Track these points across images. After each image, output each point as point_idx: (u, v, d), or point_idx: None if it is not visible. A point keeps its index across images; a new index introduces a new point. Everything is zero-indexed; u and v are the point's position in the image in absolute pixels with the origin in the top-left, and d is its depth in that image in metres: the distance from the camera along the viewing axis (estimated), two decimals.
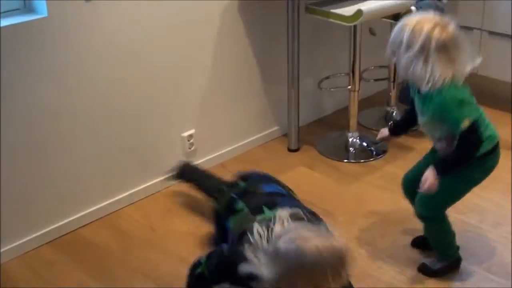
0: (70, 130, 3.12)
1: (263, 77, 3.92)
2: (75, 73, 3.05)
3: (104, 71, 3.17)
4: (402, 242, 3.11)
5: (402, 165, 3.75)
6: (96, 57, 3.11)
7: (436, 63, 2.53)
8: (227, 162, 3.84)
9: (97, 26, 3.07)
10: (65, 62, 3.00)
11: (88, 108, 3.15)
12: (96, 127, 3.21)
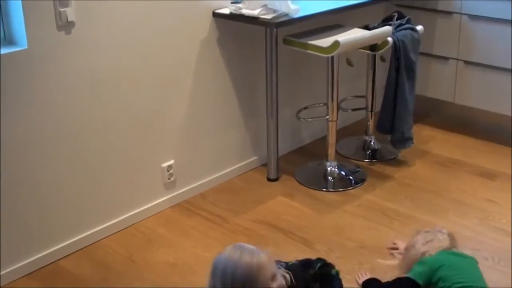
0: (45, 164, 3.11)
1: (242, 108, 3.95)
2: (53, 105, 3.06)
3: (83, 103, 3.18)
4: (380, 270, 3.11)
5: (381, 194, 3.81)
6: (75, 90, 3.13)
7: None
8: (207, 192, 3.86)
9: (77, 59, 3.09)
10: (44, 94, 3.02)
11: (65, 141, 3.16)
12: (73, 160, 3.21)
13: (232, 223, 3.54)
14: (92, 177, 3.31)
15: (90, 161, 3.28)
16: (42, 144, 3.07)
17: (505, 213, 3.60)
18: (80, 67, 3.12)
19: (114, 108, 3.31)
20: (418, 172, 4.10)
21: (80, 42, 3.08)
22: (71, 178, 3.22)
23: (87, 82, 3.17)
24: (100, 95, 3.23)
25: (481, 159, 4.25)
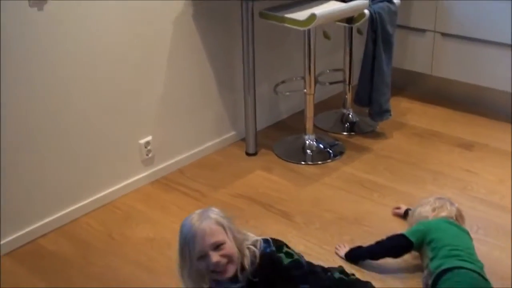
0: (20, 143, 3.08)
1: (219, 83, 3.93)
2: (27, 83, 3.03)
3: (58, 81, 3.15)
4: (359, 240, 3.12)
5: (359, 166, 3.82)
6: (49, 68, 3.09)
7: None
8: (185, 167, 3.85)
9: (50, 37, 3.06)
10: (16, 73, 2.98)
11: (44, 118, 3.13)
12: (50, 138, 3.19)
13: (211, 197, 3.53)
14: (69, 154, 3.29)
15: (68, 138, 3.25)
16: (16, 124, 3.04)
17: (483, 183, 3.62)
18: (54, 44, 3.08)
19: (90, 86, 3.28)
20: (396, 144, 4.11)
21: (53, 19, 3.04)
22: (47, 156, 3.20)
23: (62, 60, 3.13)
24: (75, 73, 3.20)
25: (459, 130, 4.26)
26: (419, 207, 2.99)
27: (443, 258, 2.64)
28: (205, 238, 2.33)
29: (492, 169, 3.76)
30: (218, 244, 2.33)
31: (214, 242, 2.33)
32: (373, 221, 3.29)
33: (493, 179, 3.66)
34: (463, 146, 4.05)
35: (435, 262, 2.66)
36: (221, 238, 2.35)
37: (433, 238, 2.76)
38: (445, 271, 2.57)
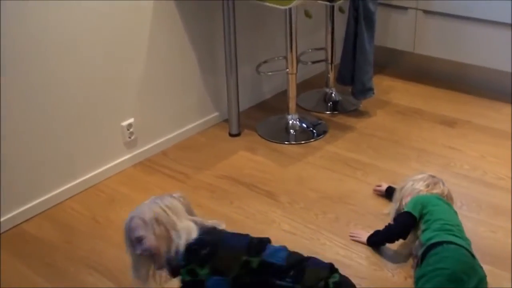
0: (2, 126, 3.05)
1: (201, 64, 3.91)
2: (8, 66, 2.99)
3: (38, 65, 3.12)
4: (344, 218, 3.15)
5: (343, 145, 3.83)
6: (30, 51, 3.06)
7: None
8: (168, 149, 3.84)
9: (30, 19, 3.03)
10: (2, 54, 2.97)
11: (21, 103, 3.10)
12: (31, 122, 3.16)
13: (194, 179, 3.53)
14: (51, 138, 3.27)
15: (49, 122, 3.23)
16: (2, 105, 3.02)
17: (466, 159, 3.64)
18: (33, 27, 3.05)
19: (70, 68, 3.25)
20: (379, 122, 4.11)
21: (32, 3, 3.01)
22: (29, 140, 3.17)
23: (41, 43, 3.10)
24: (55, 56, 3.17)
25: (441, 107, 4.27)
26: (411, 182, 2.98)
27: (435, 231, 2.66)
28: (129, 233, 2.47)
29: (475, 146, 3.78)
30: (139, 239, 2.42)
31: (135, 237, 2.43)
32: (357, 199, 3.30)
33: (476, 155, 3.68)
34: (446, 123, 4.06)
35: (427, 234, 2.67)
36: (140, 234, 2.42)
37: (428, 211, 2.77)
38: (435, 244, 2.58)
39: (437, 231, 2.66)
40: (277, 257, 2.39)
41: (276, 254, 2.40)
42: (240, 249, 2.40)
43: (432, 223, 2.71)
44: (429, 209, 2.78)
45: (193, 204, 3.23)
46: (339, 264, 2.78)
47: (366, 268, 2.81)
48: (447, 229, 2.67)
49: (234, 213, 3.22)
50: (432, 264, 2.52)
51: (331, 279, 2.35)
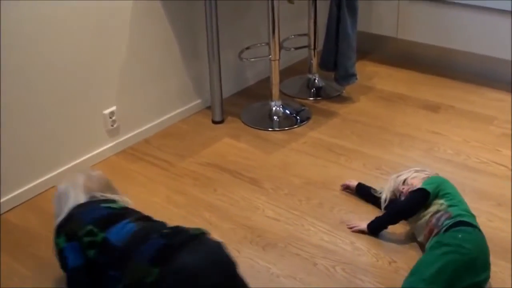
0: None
1: (184, 51, 3.89)
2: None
3: (21, 52, 3.08)
4: (328, 204, 3.15)
5: (326, 131, 3.83)
6: (10, 38, 3.02)
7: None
8: (152, 137, 3.82)
9: (10, 8, 2.99)
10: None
11: (6, 91, 3.06)
12: (13, 110, 3.13)
13: (178, 167, 3.51)
14: (33, 127, 3.24)
15: (30, 112, 3.20)
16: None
17: (449, 144, 3.64)
18: (14, 15, 3.02)
19: (53, 56, 3.22)
20: (363, 108, 4.11)
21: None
22: (11, 129, 3.14)
23: (22, 32, 3.06)
24: (35, 45, 3.14)
25: (425, 92, 4.28)
26: (409, 173, 2.98)
27: (464, 211, 2.68)
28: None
29: (458, 130, 3.78)
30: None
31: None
32: (339, 184, 3.30)
33: (459, 140, 3.68)
34: (429, 108, 4.06)
35: (456, 209, 2.68)
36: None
37: (449, 192, 2.78)
38: (466, 223, 2.59)
39: (465, 212, 2.68)
40: (119, 236, 2.36)
41: (121, 232, 2.37)
42: (90, 219, 2.43)
43: (458, 203, 2.73)
44: (448, 190, 2.79)
45: (177, 191, 3.27)
46: (324, 250, 2.82)
47: (351, 254, 2.81)
48: (473, 215, 2.69)
49: (218, 200, 3.21)
50: (460, 240, 2.50)
51: (148, 278, 2.18)
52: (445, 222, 2.63)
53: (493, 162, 3.46)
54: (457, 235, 2.53)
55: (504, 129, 3.79)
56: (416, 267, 2.49)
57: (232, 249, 2.83)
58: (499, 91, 4.24)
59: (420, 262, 2.51)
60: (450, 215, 2.65)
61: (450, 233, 2.55)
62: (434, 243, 2.57)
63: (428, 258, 2.51)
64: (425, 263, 2.49)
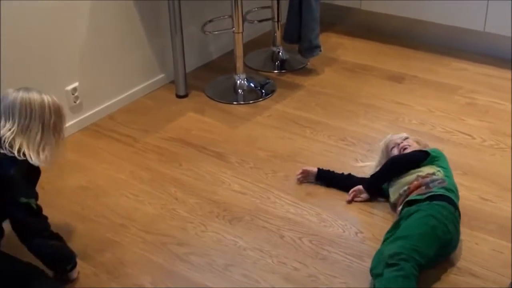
0: None
1: (146, 25, 3.84)
2: None
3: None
4: (294, 176, 3.13)
5: (291, 103, 3.82)
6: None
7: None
8: (115, 113, 3.77)
9: None
10: None
11: None
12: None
13: (142, 142, 3.48)
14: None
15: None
16: None
17: (414, 114, 3.65)
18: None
19: (12, 33, 3.15)
20: (327, 80, 4.10)
21: None
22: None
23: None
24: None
25: (389, 63, 4.28)
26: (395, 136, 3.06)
27: (454, 189, 2.71)
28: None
29: (422, 100, 3.79)
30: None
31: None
32: (307, 157, 3.29)
33: (423, 110, 3.70)
34: (394, 79, 4.07)
35: (450, 182, 2.71)
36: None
37: (445, 167, 2.81)
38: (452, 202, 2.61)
39: (455, 190, 2.71)
40: None
41: None
42: None
43: (451, 177, 2.76)
44: (445, 165, 2.82)
45: (142, 167, 3.25)
46: (290, 222, 2.82)
47: (317, 225, 2.81)
48: (458, 196, 2.73)
49: (184, 175, 3.19)
50: (445, 218, 2.52)
51: None
52: (436, 188, 2.66)
53: (458, 131, 3.48)
54: (443, 212, 2.54)
55: (469, 98, 3.81)
56: (404, 231, 2.48)
57: (199, 224, 2.85)
58: (463, 60, 4.26)
59: (409, 226, 2.50)
60: (444, 185, 2.68)
61: (438, 207, 2.56)
62: (424, 208, 2.56)
63: (417, 224, 2.50)
64: (415, 227, 2.48)
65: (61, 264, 2.53)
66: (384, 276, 2.33)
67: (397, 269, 2.31)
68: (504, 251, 2.63)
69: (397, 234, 2.49)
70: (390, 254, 2.36)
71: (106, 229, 2.83)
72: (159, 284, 2.52)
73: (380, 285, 2.33)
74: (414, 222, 2.51)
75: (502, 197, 2.95)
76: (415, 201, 2.63)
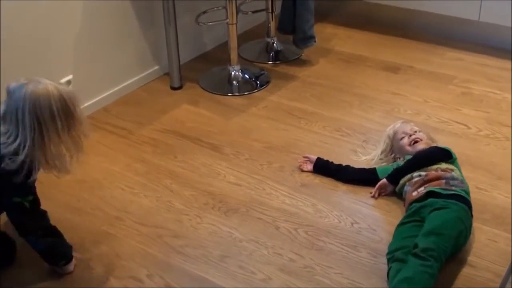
0: None
1: (139, 16, 3.82)
2: None
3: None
4: (289, 167, 3.14)
5: (286, 94, 3.81)
6: None
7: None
8: (110, 105, 3.75)
9: None
10: None
11: None
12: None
13: (137, 134, 3.47)
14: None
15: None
16: None
17: (409, 104, 3.65)
18: None
19: (6, 26, 3.13)
20: (322, 70, 4.09)
21: None
22: None
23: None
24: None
25: (384, 53, 4.27)
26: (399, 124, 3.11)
27: (468, 191, 2.73)
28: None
29: (417, 91, 3.79)
30: None
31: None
32: (302, 148, 3.29)
33: (419, 100, 3.69)
34: (389, 69, 4.06)
35: (466, 184, 2.74)
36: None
37: (459, 168, 2.84)
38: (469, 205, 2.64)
39: (469, 192, 2.73)
40: None
41: None
42: None
43: (465, 182, 2.77)
44: (457, 166, 2.85)
45: (137, 159, 3.25)
46: (286, 213, 2.82)
47: (312, 216, 2.81)
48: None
49: (179, 167, 3.18)
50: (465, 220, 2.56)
51: None
52: (458, 188, 2.66)
53: (453, 121, 3.48)
54: (467, 217, 2.57)
55: (464, 88, 3.81)
56: (440, 228, 2.46)
57: (194, 216, 2.85)
58: (458, 50, 4.25)
59: (444, 225, 2.48)
60: (464, 188, 2.69)
61: (464, 211, 2.57)
62: (453, 208, 2.56)
63: (451, 225, 2.49)
64: (449, 228, 2.47)
65: (55, 260, 2.53)
66: (411, 265, 2.34)
67: (427, 266, 2.31)
68: (498, 240, 2.64)
69: (431, 227, 2.47)
70: (424, 248, 2.36)
71: (101, 221, 2.83)
72: (154, 276, 2.52)
73: (405, 272, 2.32)
74: (449, 222, 2.50)
75: (496, 186, 2.96)
76: (437, 194, 2.64)
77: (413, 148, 2.96)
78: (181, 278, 2.51)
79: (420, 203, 2.64)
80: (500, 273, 2.47)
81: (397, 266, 2.38)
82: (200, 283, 2.49)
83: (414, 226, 2.55)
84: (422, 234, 2.45)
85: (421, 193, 2.68)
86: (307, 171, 3.10)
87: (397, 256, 2.42)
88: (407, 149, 2.97)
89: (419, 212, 2.60)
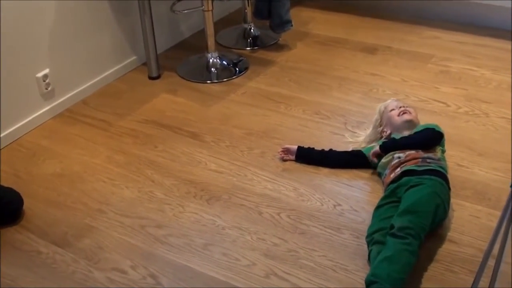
0: None
1: (114, 7, 3.79)
2: None
3: None
4: (270, 152, 3.14)
5: (264, 80, 3.81)
6: None
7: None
8: (88, 98, 3.73)
9: None
10: None
11: None
12: None
13: (117, 126, 3.45)
14: None
15: None
16: None
17: (388, 84, 3.66)
18: None
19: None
20: (300, 54, 4.09)
21: None
22: None
23: None
24: None
25: (362, 35, 4.27)
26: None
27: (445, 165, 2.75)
28: None
29: (395, 71, 3.80)
30: None
31: None
32: (282, 132, 3.29)
33: (397, 79, 3.70)
34: (367, 51, 4.07)
35: (444, 162, 2.75)
36: None
37: (443, 146, 2.86)
38: (447, 180, 2.65)
39: (446, 169, 2.73)
40: None
41: None
42: None
43: (444, 159, 2.78)
44: (443, 144, 2.86)
45: (117, 151, 3.24)
46: (268, 198, 2.82)
47: (294, 200, 2.81)
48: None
49: (159, 156, 3.17)
50: (444, 195, 2.58)
51: None
52: (434, 163, 2.68)
53: (432, 99, 3.49)
54: (444, 190, 2.59)
55: (442, 66, 3.81)
56: (414, 206, 2.47)
57: (176, 205, 2.84)
58: (435, 29, 4.26)
59: (418, 202, 2.49)
60: (441, 164, 2.70)
61: (439, 185, 2.59)
62: (427, 184, 2.57)
63: (426, 201, 2.51)
64: (423, 204, 2.49)
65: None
66: (389, 244, 2.35)
67: (406, 243, 2.33)
68: (480, 216, 2.65)
69: (405, 206, 2.48)
70: (400, 227, 2.37)
71: (83, 215, 2.81)
72: (138, 267, 2.51)
73: (385, 252, 2.33)
74: (423, 198, 2.52)
75: (477, 163, 2.97)
76: (412, 172, 2.65)
77: (400, 118, 2.96)
78: (165, 267, 2.50)
79: (396, 184, 2.66)
80: (483, 248, 2.48)
81: (377, 248, 2.40)
82: (185, 272, 2.49)
83: (391, 207, 2.57)
84: (397, 214, 2.46)
85: (397, 173, 2.70)
86: (289, 160, 3.11)
87: (376, 238, 2.44)
88: (396, 119, 2.97)
89: (395, 192, 2.62)
